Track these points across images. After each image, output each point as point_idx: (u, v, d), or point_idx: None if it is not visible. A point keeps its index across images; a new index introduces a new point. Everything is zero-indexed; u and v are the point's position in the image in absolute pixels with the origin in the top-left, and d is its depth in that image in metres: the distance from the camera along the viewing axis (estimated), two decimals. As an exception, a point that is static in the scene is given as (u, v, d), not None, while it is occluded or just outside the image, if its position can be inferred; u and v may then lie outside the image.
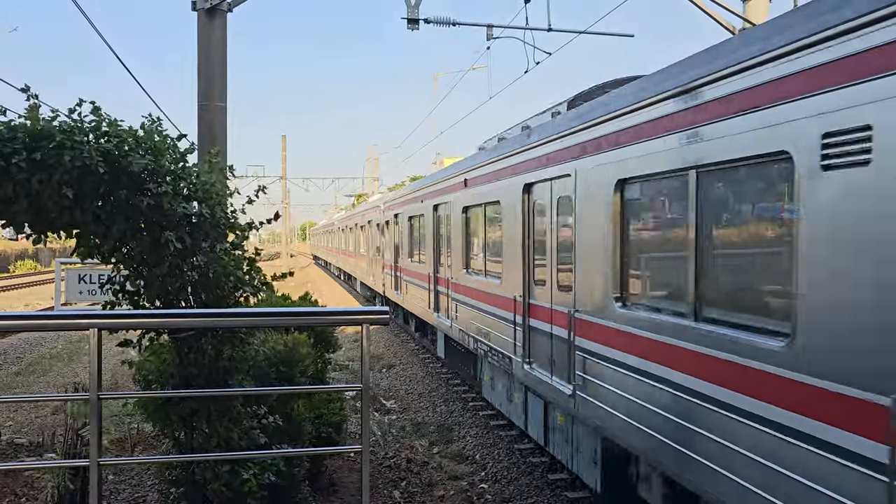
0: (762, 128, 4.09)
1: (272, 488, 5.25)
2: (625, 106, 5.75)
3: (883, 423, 3.23)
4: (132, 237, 4.35)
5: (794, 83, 3.85)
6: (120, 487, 7.16)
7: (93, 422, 3.81)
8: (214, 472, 4.92)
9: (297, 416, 5.96)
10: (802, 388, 3.76)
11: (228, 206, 4.92)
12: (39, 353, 16.80)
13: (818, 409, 3.64)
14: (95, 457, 3.77)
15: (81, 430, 6.05)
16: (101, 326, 3.84)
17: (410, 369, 15.24)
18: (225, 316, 4.49)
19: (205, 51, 9.23)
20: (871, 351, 3.33)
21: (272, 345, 5.80)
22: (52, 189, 4.04)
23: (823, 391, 3.61)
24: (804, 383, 3.75)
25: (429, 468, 8.59)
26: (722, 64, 4.47)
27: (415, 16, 13.01)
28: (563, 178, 7.16)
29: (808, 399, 3.72)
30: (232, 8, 9.34)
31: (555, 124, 7.61)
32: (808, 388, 3.72)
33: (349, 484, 7.49)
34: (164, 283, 4.55)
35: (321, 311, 5.35)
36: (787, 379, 3.88)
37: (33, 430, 9.42)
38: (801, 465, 3.75)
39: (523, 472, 8.61)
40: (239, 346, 5.05)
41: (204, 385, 4.83)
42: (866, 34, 3.40)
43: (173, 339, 4.80)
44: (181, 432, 5.05)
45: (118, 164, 4.16)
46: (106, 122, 4.26)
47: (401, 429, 10.50)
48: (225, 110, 9.31)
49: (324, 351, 7.73)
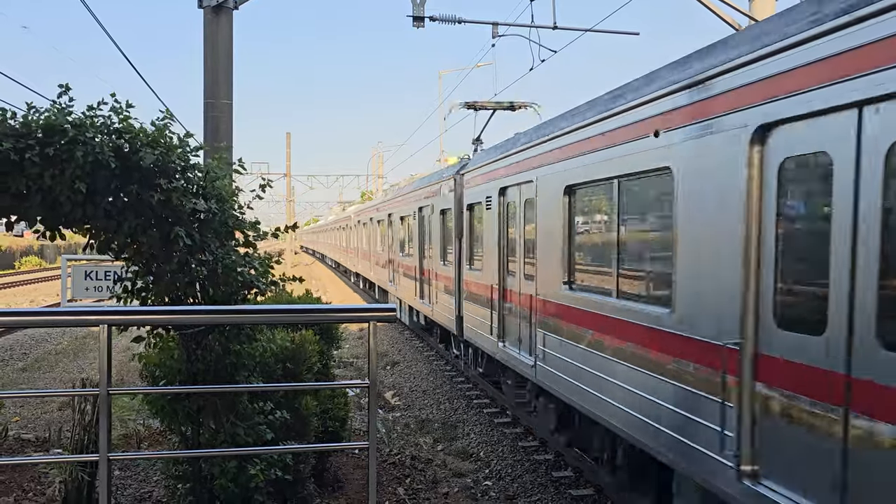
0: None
1: (278, 484, 5.27)
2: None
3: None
4: (143, 233, 4.38)
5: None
6: (126, 483, 7.19)
7: (102, 417, 3.83)
8: (221, 467, 4.95)
9: (304, 412, 5.98)
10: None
11: (235, 204, 4.94)
12: (45, 350, 16.86)
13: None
14: (105, 452, 3.79)
15: (89, 426, 6.09)
16: (111, 322, 3.87)
17: (415, 366, 15.27)
18: (233, 313, 4.52)
19: (211, 48, 9.26)
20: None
21: (280, 341, 5.82)
22: (65, 184, 4.07)
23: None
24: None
25: (433, 465, 8.62)
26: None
27: (420, 13, 13.03)
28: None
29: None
30: (238, 5, 9.37)
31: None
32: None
33: (354, 480, 7.52)
34: (173, 279, 4.58)
35: (329, 308, 5.37)
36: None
37: (40, 425, 9.46)
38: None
39: (527, 469, 8.63)
40: (246, 343, 5.08)
41: (211, 381, 4.85)
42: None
43: (181, 336, 4.83)
44: (188, 428, 5.07)
45: (130, 159, 4.19)
46: (119, 120, 4.29)
47: (405, 426, 10.53)
48: (231, 107, 9.34)
49: (329, 347, 7.76)
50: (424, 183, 16.33)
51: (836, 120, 3.69)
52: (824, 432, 3.77)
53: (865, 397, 3.50)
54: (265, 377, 5.47)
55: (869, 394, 3.48)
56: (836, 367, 3.70)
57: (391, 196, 22.46)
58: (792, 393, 4.05)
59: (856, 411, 3.55)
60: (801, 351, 3.98)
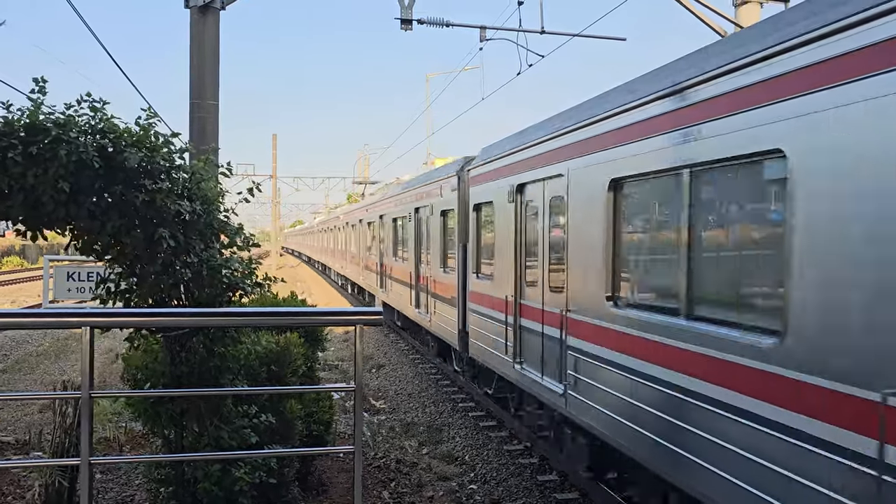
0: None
1: (262, 487, 5.23)
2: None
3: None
4: (126, 233, 4.33)
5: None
6: (108, 486, 7.11)
7: (84, 420, 3.78)
8: (204, 471, 4.91)
9: (289, 415, 5.95)
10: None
11: (221, 206, 4.91)
12: (26, 351, 16.67)
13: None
14: (87, 456, 3.74)
15: (70, 429, 6.02)
16: (94, 325, 3.81)
17: (400, 369, 15.23)
18: (218, 315, 4.47)
19: (197, 48, 9.20)
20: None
21: (265, 344, 5.79)
22: (48, 183, 4.03)
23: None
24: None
25: (418, 469, 8.59)
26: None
27: (408, 16, 13.01)
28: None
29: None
30: (225, 6, 9.32)
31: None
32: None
33: (338, 484, 7.49)
34: (157, 280, 4.54)
35: (315, 311, 5.35)
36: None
37: (20, 428, 9.35)
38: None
39: (512, 472, 8.63)
40: (231, 345, 5.04)
41: (195, 384, 4.81)
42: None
43: (164, 338, 4.79)
44: (171, 431, 5.03)
45: (114, 159, 4.15)
46: (103, 121, 4.25)
47: (390, 429, 10.49)
48: (217, 108, 9.29)
49: (314, 349, 7.73)
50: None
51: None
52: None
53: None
54: (250, 380, 5.44)
55: None
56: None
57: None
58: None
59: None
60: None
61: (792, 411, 3.83)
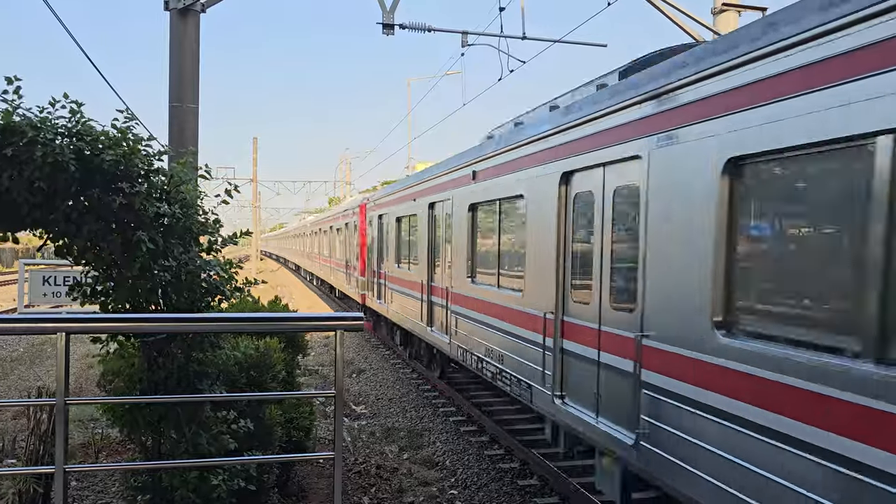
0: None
1: (241, 494, 5.18)
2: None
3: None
4: (103, 237, 4.28)
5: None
6: (83, 494, 7.00)
7: (59, 427, 3.73)
8: (182, 477, 4.85)
9: (268, 421, 5.90)
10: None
11: (200, 210, 4.87)
12: (-1, 356, 16.40)
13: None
14: (62, 463, 3.69)
15: (45, 436, 5.93)
16: (70, 331, 3.77)
17: (381, 374, 15.18)
18: (197, 321, 4.43)
19: (176, 52, 9.13)
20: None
21: (244, 349, 5.74)
22: (23, 185, 3.96)
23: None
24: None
25: (398, 474, 8.56)
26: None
27: (390, 21, 13.01)
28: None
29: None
30: (205, 9, 9.26)
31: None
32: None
33: (318, 490, 7.44)
34: (134, 285, 4.48)
35: (295, 316, 5.30)
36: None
37: (-7, 434, 9.18)
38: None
39: (493, 477, 8.62)
40: (210, 351, 4.99)
41: (173, 390, 4.75)
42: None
43: (142, 343, 4.73)
44: (149, 438, 4.96)
45: (91, 162, 4.10)
46: (80, 123, 4.19)
47: (371, 434, 10.45)
48: (197, 112, 9.22)
49: (294, 355, 7.68)
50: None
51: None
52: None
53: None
54: (229, 386, 5.39)
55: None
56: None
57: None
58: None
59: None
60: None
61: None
